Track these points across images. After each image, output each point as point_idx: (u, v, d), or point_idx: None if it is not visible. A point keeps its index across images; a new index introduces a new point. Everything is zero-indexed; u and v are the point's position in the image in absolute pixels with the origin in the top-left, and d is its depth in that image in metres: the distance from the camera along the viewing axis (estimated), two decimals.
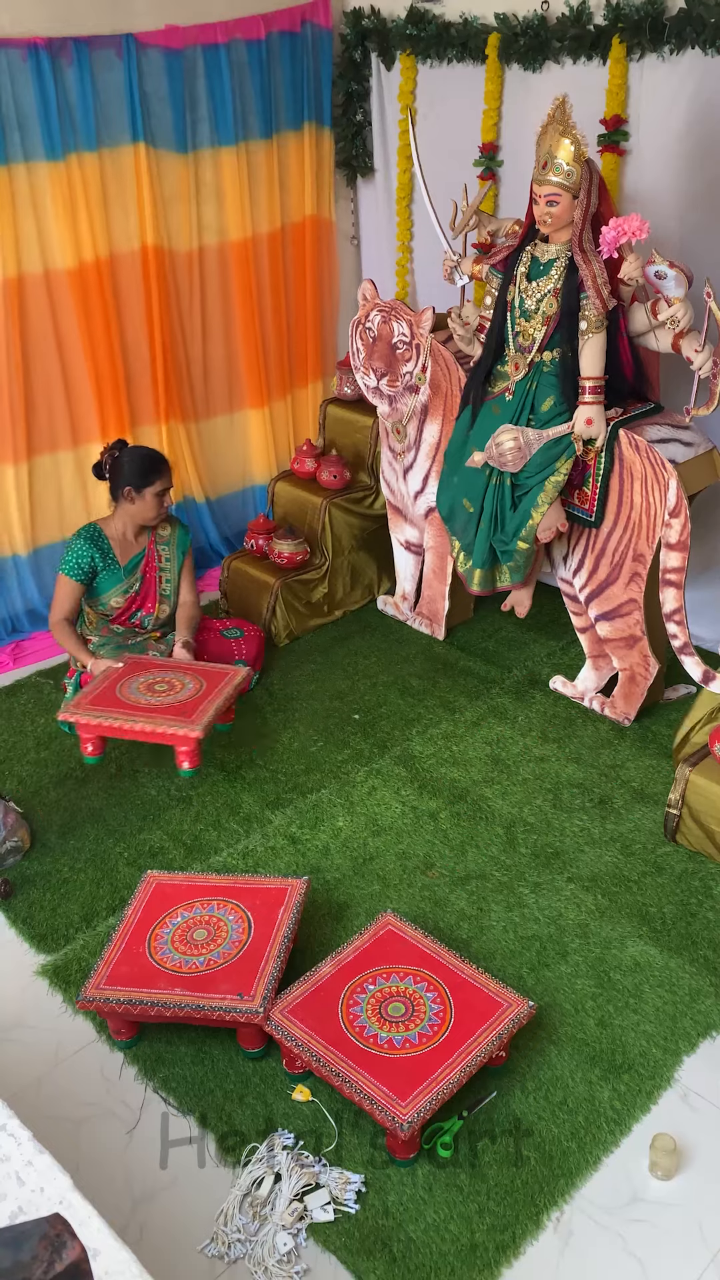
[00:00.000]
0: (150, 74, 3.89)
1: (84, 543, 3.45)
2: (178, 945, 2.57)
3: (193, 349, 4.38)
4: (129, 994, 2.44)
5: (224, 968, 2.50)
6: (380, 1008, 2.41)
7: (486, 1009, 2.38)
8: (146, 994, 2.44)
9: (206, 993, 2.43)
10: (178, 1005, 2.41)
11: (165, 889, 2.74)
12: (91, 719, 3.13)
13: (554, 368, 3.29)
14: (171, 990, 2.44)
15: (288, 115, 4.35)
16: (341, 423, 4.35)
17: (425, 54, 4.15)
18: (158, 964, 2.52)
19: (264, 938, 2.57)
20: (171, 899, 2.70)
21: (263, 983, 2.45)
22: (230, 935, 2.59)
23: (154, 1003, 2.41)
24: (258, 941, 2.56)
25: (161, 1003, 2.41)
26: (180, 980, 2.47)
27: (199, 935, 2.59)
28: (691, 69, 3.45)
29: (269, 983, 2.45)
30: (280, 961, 2.51)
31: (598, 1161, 2.26)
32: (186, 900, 2.69)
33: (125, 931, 2.62)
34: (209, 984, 2.46)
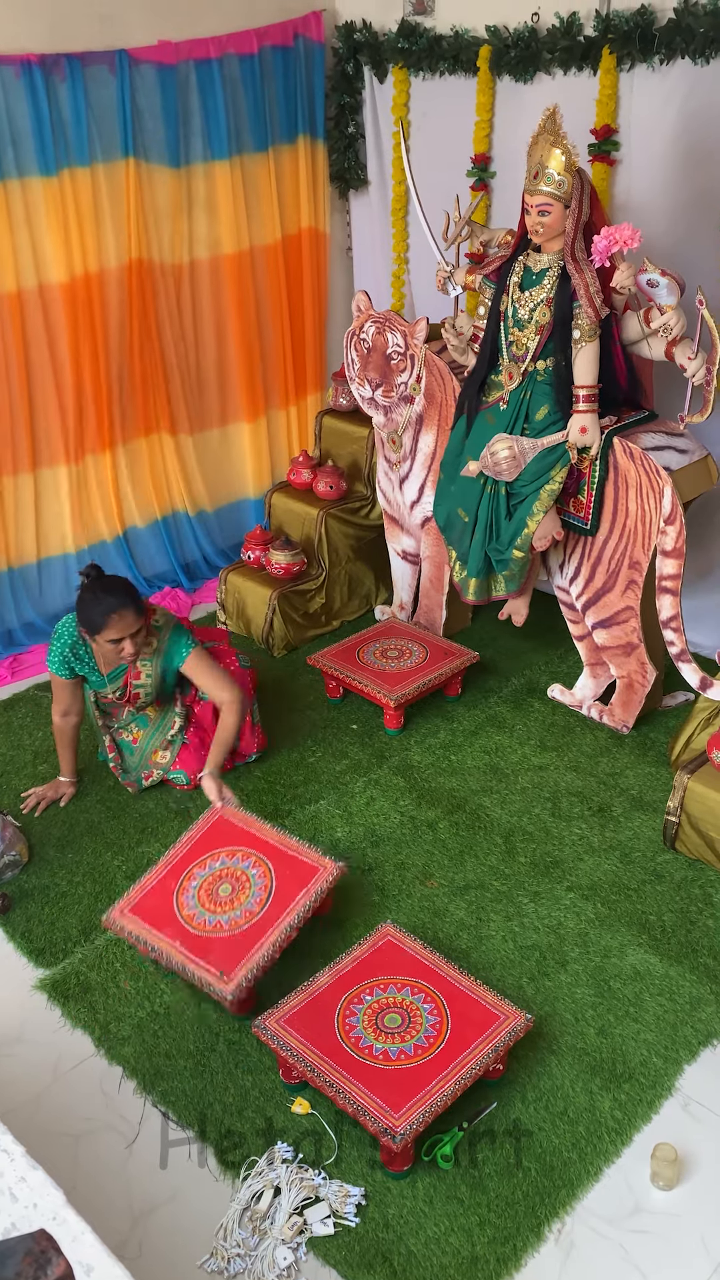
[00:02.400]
0: (143, 89, 3.91)
1: (64, 643, 3.12)
2: (201, 895, 2.67)
3: (186, 362, 4.40)
4: (141, 931, 2.63)
5: (224, 937, 2.58)
6: (377, 1019, 2.41)
7: (484, 1021, 2.37)
8: (154, 937, 2.61)
9: (197, 957, 2.54)
10: (170, 960, 2.57)
11: (225, 826, 2.80)
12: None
13: (548, 377, 3.29)
14: (173, 942, 2.58)
15: (281, 129, 4.37)
16: (337, 434, 4.36)
17: (417, 66, 4.17)
18: (177, 909, 2.64)
19: (272, 918, 2.62)
20: (224, 838, 2.79)
21: (244, 969, 2.51)
22: (247, 902, 2.66)
23: (154, 949, 2.60)
24: (266, 919, 2.62)
25: (159, 951, 2.59)
26: (185, 935, 2.60)
27: (223, 890, 2.66)
28: (681, 79, 3.47)
29: (251, 971, 2.51)
30: (274, 951, 2.56)
31: (599, 1172, 2.25)
32: (233, 845, 2.76)
33: (172, 859, 2.75)
34: (205, 949, 2.56)
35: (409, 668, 3.70)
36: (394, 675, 3.66)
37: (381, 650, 3.81)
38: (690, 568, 3.70)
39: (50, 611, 4.29)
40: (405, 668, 3.71)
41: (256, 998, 2.59)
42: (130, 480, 4.41)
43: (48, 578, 4.28)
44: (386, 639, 3.89)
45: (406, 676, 3.65)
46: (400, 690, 3.57)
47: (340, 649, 3.82)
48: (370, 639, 3.88)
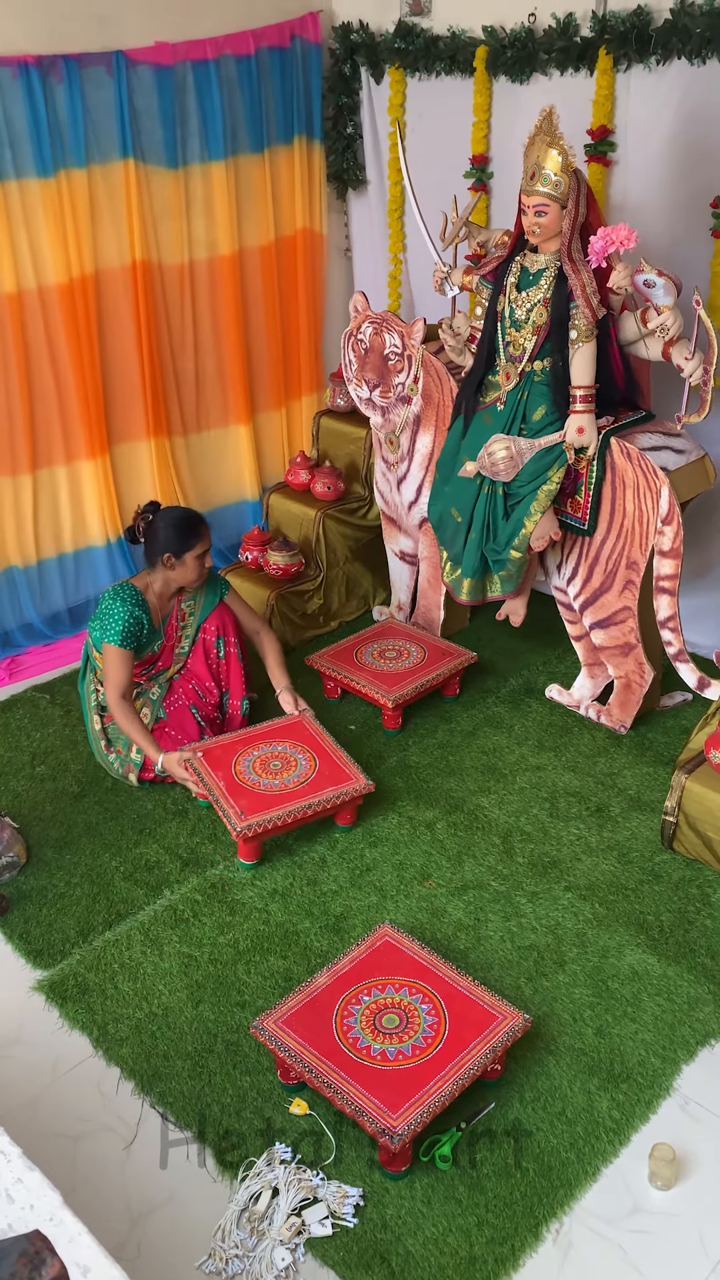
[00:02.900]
0: (140, 90, 3.91)
1: (129, 607, 3.23)
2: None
3: (183, 363, 4.40)
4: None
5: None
6: (375, 1019, 2.41)
7: (481, 1021, 2.37)
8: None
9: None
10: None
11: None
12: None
13: (545, 377, 3.29)
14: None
15: (278, 129, 4.37)
16: (335, 434, 4.36)
17: (414, 67, 4.18)
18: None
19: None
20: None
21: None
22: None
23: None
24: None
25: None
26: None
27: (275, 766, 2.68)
28: (678, 79, 3.47)
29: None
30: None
31: (597, 1172, 2.24)
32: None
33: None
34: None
35: (407, 668, 3.70)
36: (392, 676, 3.66)
37: (379, 651, 3.82)
38: (687, 568, 3.71)
39: (48, 612, 4.29)
40: (403, 668, 3.71)
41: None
42: (129, 481, 4.40)
43: (46, 578, 4.28)
44: (384, 639, 3.89)
45: (404, 677, 3.65)
46: (398, 691, 3.57)
47: (338, 650, 3.82)
48: (368, 639, 3.89)
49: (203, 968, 2.76)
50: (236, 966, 2.75)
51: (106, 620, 3.24)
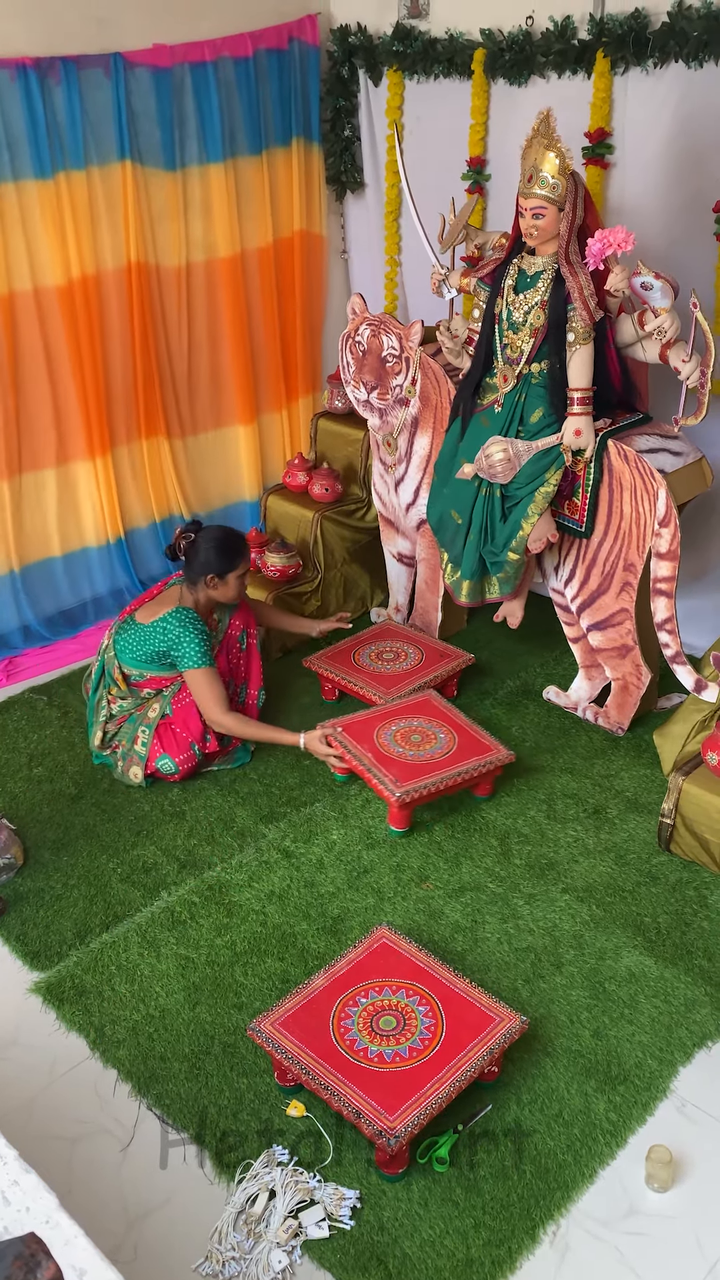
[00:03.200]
0: (138, 92, 3.91)
1: (197, 628, 3.28)
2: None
3: (180, 365, 4.40)
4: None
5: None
6: (372, 1021, 2.40)
7: (478, 1023, 2.37)
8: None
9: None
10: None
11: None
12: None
13: (542, 379, 3.30)
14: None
15: (276, 132, 4.37)
16: (333, 436, 4.36)
17: (412, 70, 4.18)
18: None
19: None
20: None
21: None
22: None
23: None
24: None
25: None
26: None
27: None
28: (675, 82, 3.48)
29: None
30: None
31: (594, 1174, 2.24)
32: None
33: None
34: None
35: (404, 670, 3.71)
36: (389, 677, 3.66)
37: (377, 653, 3.82)
38: (684, 570, 3.71)
39: (45, 614, 4.29)
40: (400, 670, 3.71)
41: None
42: (127, 483, 4.41)
43: (42, 581, 4.28)
44: (382, 641, 3.89)
45: (402, 679, 3.65)
46: (395, 693, 3.57)
47: (335, 651, 3.82)
48: (366, 641, 3.89)
49: (200, 969, 2.76)
50: (234, 968, 2.75)
51: (184, 648, 3.27)
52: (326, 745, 3.28)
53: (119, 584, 4.48)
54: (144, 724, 3.37)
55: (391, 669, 3.71)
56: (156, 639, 3.31)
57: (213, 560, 3.32)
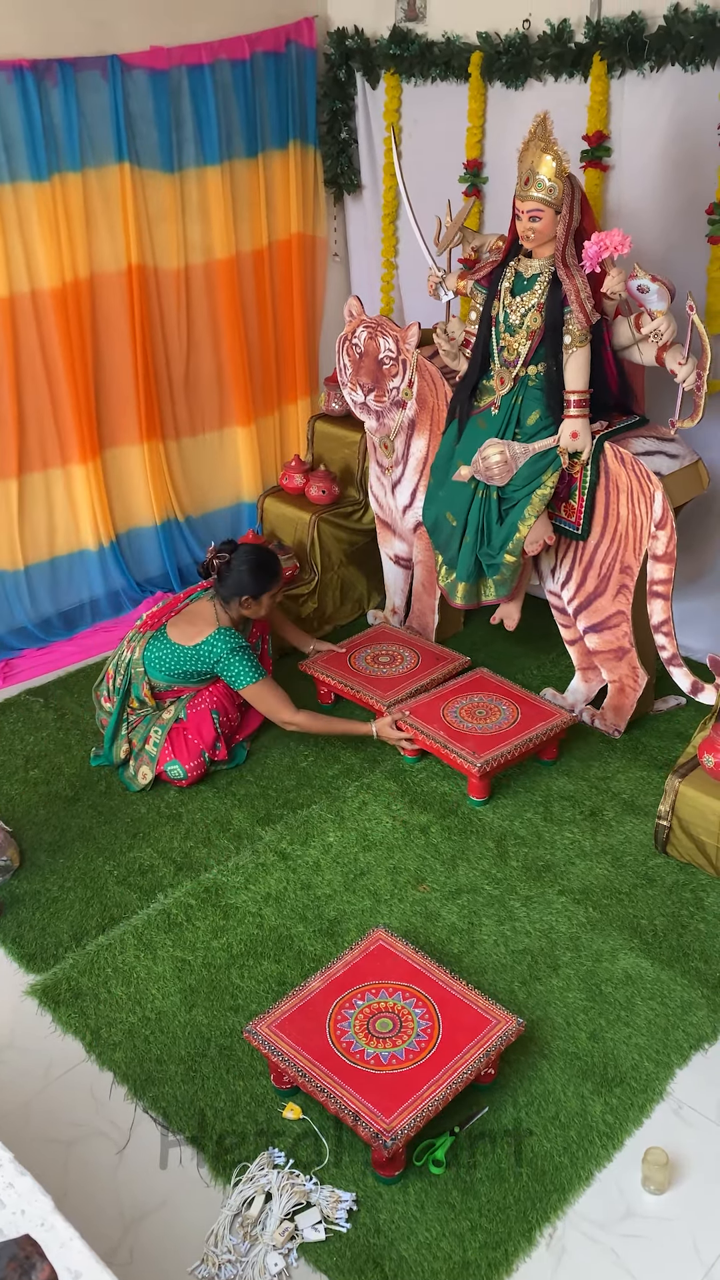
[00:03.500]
0: (135, 95, 3.91)
1: (240, 644, 3.33)
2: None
3: (178, 367, 4.39)
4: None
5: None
6: (368, 1023, 2.40)
7: (475, 1025, 2.37)
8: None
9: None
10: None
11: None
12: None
13: (539, 382, 3.30)
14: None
15: (273, 134, 4.37)
16: (330, 438, 4.36)
17: (409, 73, 4.19)
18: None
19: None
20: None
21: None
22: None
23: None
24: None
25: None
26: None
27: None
28: (671, 85, 3.49)
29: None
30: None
31: (590, 1176, 2.24)
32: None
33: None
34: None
35: (400, 673, 3.70)
36: (386, 681, 3.66)
37: (373, 656, 3.82)
38: (681, 572, 3.72)
39: (41, 616, 4.28)
40: (397, 673, 3.71)
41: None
42: (125, 485, 4.41)
43: (39, 582, 4.28)
44: (378, 644, 3.89)
45: (398, 682, 3.65)
46: (392, 696, 3.57)
47: (332, 655, 3.82)
48: (362, 644, 3.89)
49: (196, 972, 2.75)
50: (230, 971, 2.75)
51: (235, 668, 3.31)
52: (397, 730, 3.39)
53: (115, 586, 4.47)
54: (157, 724, 3.38)
55: (388, 672, 3.71)
56: (201, 660, 3.34)
57: (247, 582, 3.37)
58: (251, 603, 3.40)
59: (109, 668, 3.49)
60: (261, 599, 3.41)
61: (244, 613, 3.43)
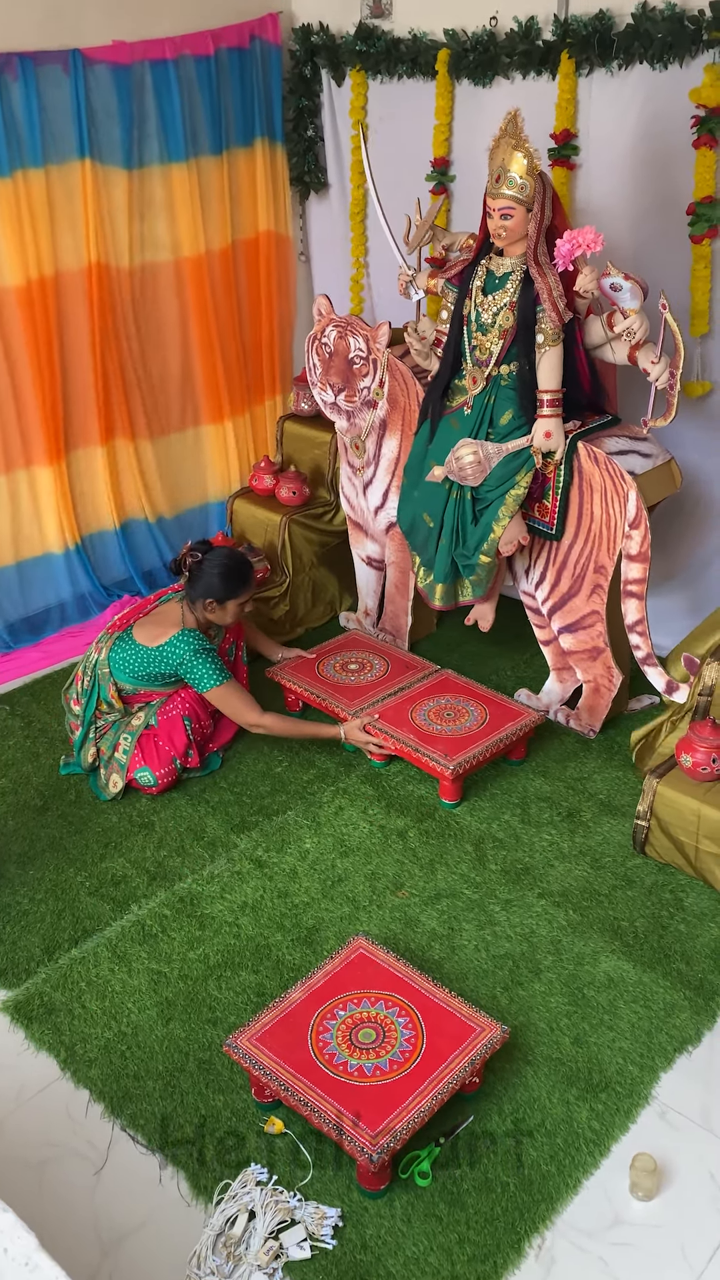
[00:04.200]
0: (98, 90, 3.84)
1: (203, 647, 3.26)
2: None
3: (143, 366, 4.33)
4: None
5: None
6: (351, 1034, 2.36)
7: (459, 1034, 2.34)
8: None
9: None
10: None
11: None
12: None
13: (511, 381, 3.28)
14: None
15: (238, 131, 4.32)
16: (299, 438, 4.32)
17: (375, 70, 4.15)
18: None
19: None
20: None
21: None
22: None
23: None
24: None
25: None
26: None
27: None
28: (640, 84, 3.47)
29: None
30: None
31: (578, 1184, 2.22)
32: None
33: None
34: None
35: (369, 681, 3.64)
36: (354, 689, 3.59)
37: (342, 664, 3.74)
38: (655, 571, 3.71)
39: (7, 621, 4.20)
40: (365, 681, 3.64)
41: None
42: (92, 486, 4.33)
43: (4, 588, 4.19)
44: (347, 652, 3.82)
45: (367, 690, 3.58)
46: (359, 704, 3.51)
47: (300, 662, 3.75)
48: (331, 652, 3.82)
49: (173, 984, 2.70)
50: (207, 982, 2.70)
51: (198, 671, 3.24)
52: (365, 734, 3.35)
53: (81, 590, 4.40)
54: (126, 730, 3.31)
55: (356, 680, 3.65)
56: (164, 662, 3.27)
57: (216, 585, 3.30)
58: (216, 607, 3.33)
59: (78, 670, 3.42)
60: (227, 605, 3.34)
61: (209, 616, 3.36)
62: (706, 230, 3.49)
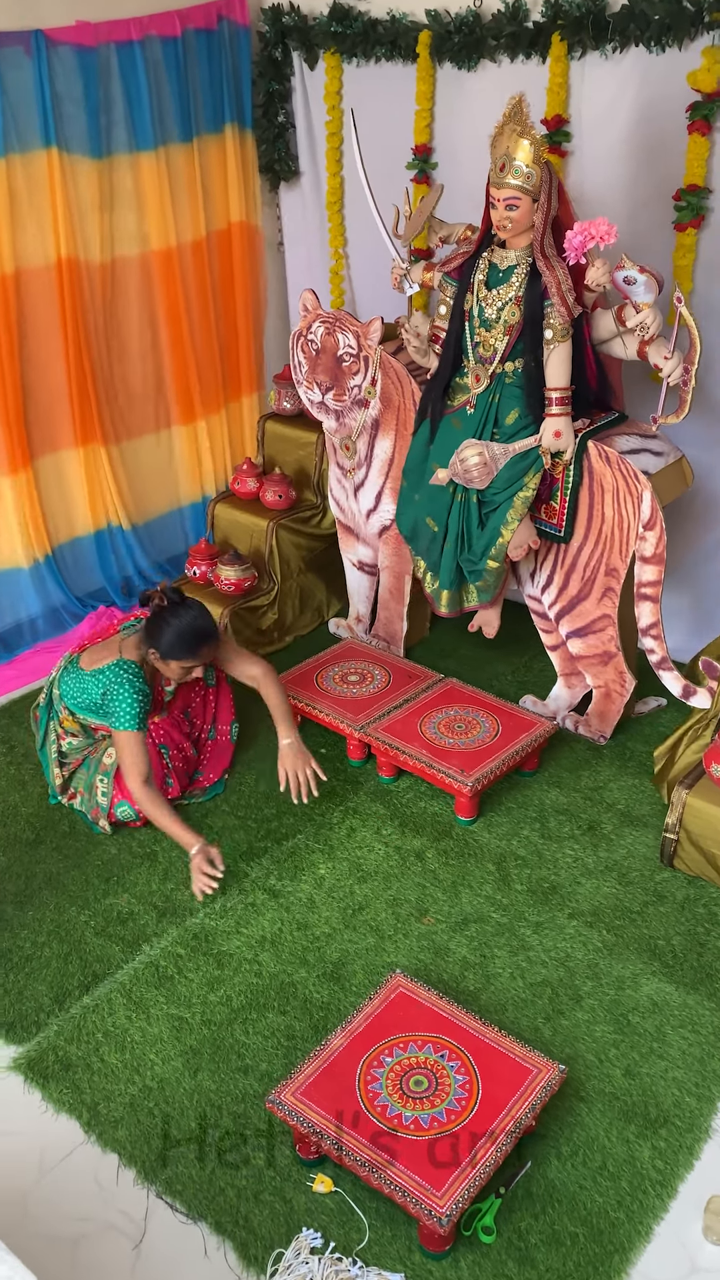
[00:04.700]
0: (62, 73, 3.61)
1: (136, 686, 2.92)
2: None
3: (115, 365, 4.12)
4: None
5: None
6: (401, 1082, 2.23)
7: (515, 1078, 2.22)
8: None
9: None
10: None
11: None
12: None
13: (517, 379, 3.15)
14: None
15: (207, 117, 4.11)
16: (282, 439, 4.14)
17: (351, 53, 3.97)
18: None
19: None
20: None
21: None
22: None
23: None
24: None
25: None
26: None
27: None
28: (634, 67, 3.36)
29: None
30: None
31: (649, 1231, 2.11)
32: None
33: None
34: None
35: (372, 693, 3.49)
36: (357, 702, 3.45)
37: (341, 675, 3.60)
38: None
39: None
40: (368, 694, 3.49)
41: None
42: (62, 494, 4.11)
43: None
44: (346, 662, 3.68)
45: (371, 703, 3.44)
46: (365, 719, 3.36)
47: (297, 674, 3.59)
48: (328, 663, 3.67)
49: (196, 1031, 2.54)
50: (233, 1026, 2.54)
51: (117, 706, 2.90)
52: (210, 865, 2.84)
53: (54, 603, 4.18)
54: (101, 772, 3.11)
55: (359, 693, 3.50)
56: (94, 688, 2.99)
57: (164, 641, 2.96)
58: (159, 660, 2.99)
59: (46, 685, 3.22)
60: (170, 663, 2.99)
61: (151, 661, 3.03)
62: (691, 219, 3.40)
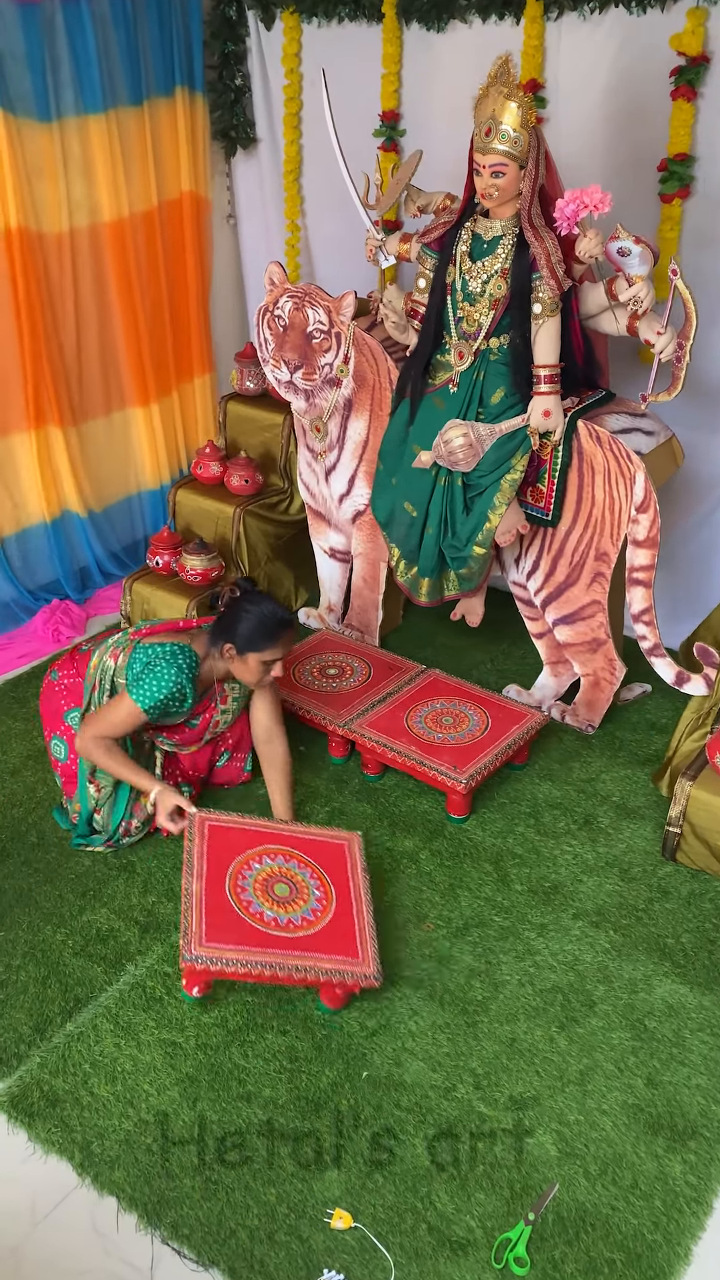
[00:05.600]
0: (4, 30, 3.37)
1: (181, 677, 2.71)
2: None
3: (67, 343, 3.89)
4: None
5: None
6: (269, 892, 2.39)
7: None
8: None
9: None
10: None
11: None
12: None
13: (502, 355, 3.01)
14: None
15: (157, 79, 3.89)
16: (245, 421, 3.95)
17: (311, 12, 3.78)
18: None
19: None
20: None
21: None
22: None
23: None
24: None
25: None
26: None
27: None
28: (614, 29, 3.24)
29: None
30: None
31: (688, 1253, 2.01)
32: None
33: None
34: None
35: (352, 688, 3.35)
36: (338, 697, 3.30)
37: (320, 668, 3.45)
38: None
39: None
40: (348, 688, 3.35)
41: None
42: (12, 481, 3.87)
43: None
44: (322, 654, 3.52)
45: (353, 698, 3.29)
46: (348, 715, 3.22)
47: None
48: (303, 656, 3.51)
49: (190, 1056, 2.37)
50: (230, 1050, 2.38)
51: (149, 679, 2.69)
52: (178, 817, 2.70)
53: (4, 598, 3.95)
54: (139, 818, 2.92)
55: (339, 687, 3.35)
56: (141, 658, 2.75)
57: (239, 632, 2.76)
58: (234, 654, 2.78)
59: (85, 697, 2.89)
60: (248, 657, 2.77)
61: (227, 665, 2.82)
62: (678, 189, 3.29)
